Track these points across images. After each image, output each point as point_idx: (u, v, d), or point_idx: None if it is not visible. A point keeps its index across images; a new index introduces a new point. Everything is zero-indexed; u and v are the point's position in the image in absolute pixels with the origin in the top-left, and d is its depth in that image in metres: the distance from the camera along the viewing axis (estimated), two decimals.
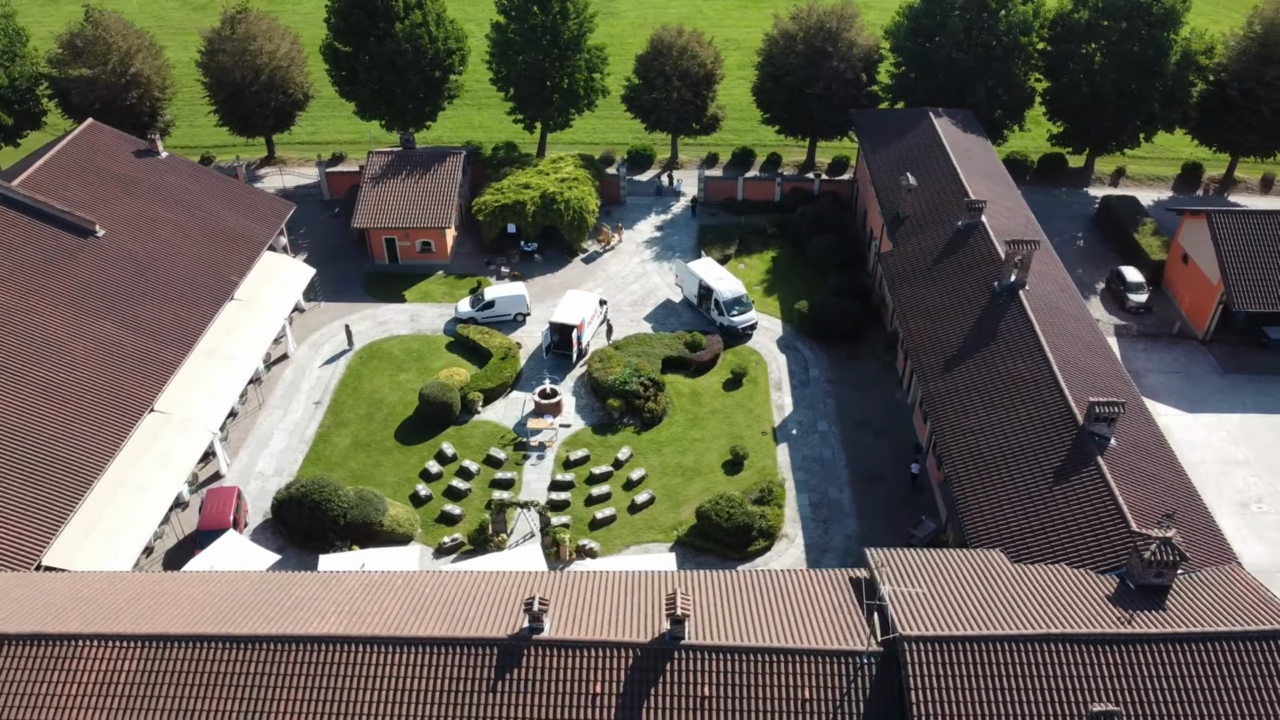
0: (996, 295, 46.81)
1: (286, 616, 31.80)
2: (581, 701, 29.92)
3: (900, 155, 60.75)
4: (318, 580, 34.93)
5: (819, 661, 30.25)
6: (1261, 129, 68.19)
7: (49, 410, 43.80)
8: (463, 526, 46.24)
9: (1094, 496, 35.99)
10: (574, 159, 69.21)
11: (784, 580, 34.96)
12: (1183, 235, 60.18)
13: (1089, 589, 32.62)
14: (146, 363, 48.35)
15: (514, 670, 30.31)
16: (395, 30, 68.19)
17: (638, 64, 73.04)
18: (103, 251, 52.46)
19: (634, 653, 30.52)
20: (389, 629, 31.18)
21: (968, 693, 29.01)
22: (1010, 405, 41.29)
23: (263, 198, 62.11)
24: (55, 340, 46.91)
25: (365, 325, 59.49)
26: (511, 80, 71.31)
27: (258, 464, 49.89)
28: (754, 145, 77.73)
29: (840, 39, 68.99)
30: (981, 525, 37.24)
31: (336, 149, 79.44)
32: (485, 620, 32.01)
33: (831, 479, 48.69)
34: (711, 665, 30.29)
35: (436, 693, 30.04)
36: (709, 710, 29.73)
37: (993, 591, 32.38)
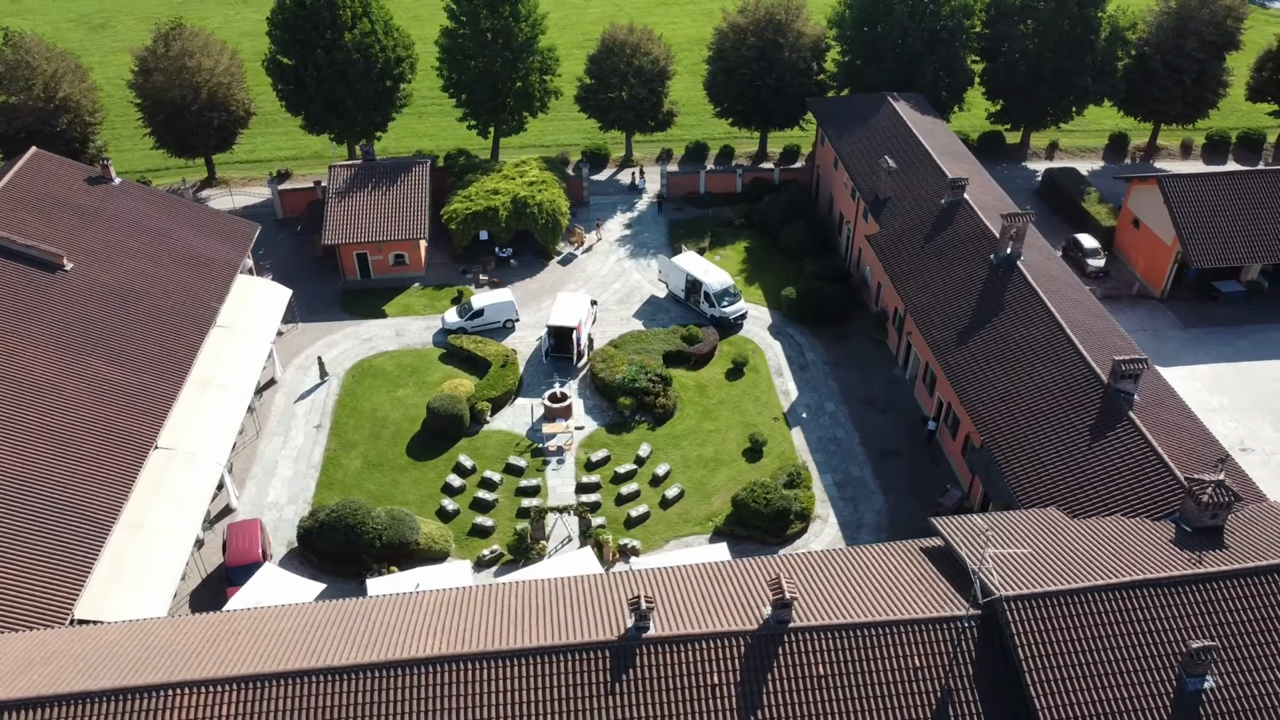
0: (995, 267, 48.72)
1: (381, 642, 30.93)
2: (701, 694, 30.07)
3: (869, 140, 62.45)
4: (395, 603, 34.00)
5: (923, 630, 31.10)
6: (1184, 98, 72.67)
7: (51, 457, 41.39)
8: (497, 538, 45.62)
9: (1133, 449, 37.96)
10: (538, 162, 68.77)
11: (860, 556, 35.79)
12: (1131, 201, 63.63)
13: (1151, 536, 34.44)
14: (142, 398, 46.07)
15: (629, 670, 30.23)
16: (345, 40, 66.48)
17: (590, 64, 73.02)
18: (74, 286, 49.70)
19: (744, 640, 30.81)
20: (492, 643, 30.66)
21: (1070, 644, 30.29)
22: (1032, 370, 43.11)
23: (227, 220, 59.72)
24: (43, 382, 44.29)
25: (350, 344, 57.92)
26: (464, 85, 70.36)
27: (269, 494, 48.13)
28: (705, 139, 78.53)
29: (789, 30, 70.42)
30: (1029, 486, 38.80)
31: (278, 166, 76.86)
32: (583, 625, 31.81)
33: (850, 458, 49.87)
34: (821, 645, 30.82)
35: (554, 701, 29.74)
36: (826, 688, 30.27)
37: (1064, 546, 33.83)
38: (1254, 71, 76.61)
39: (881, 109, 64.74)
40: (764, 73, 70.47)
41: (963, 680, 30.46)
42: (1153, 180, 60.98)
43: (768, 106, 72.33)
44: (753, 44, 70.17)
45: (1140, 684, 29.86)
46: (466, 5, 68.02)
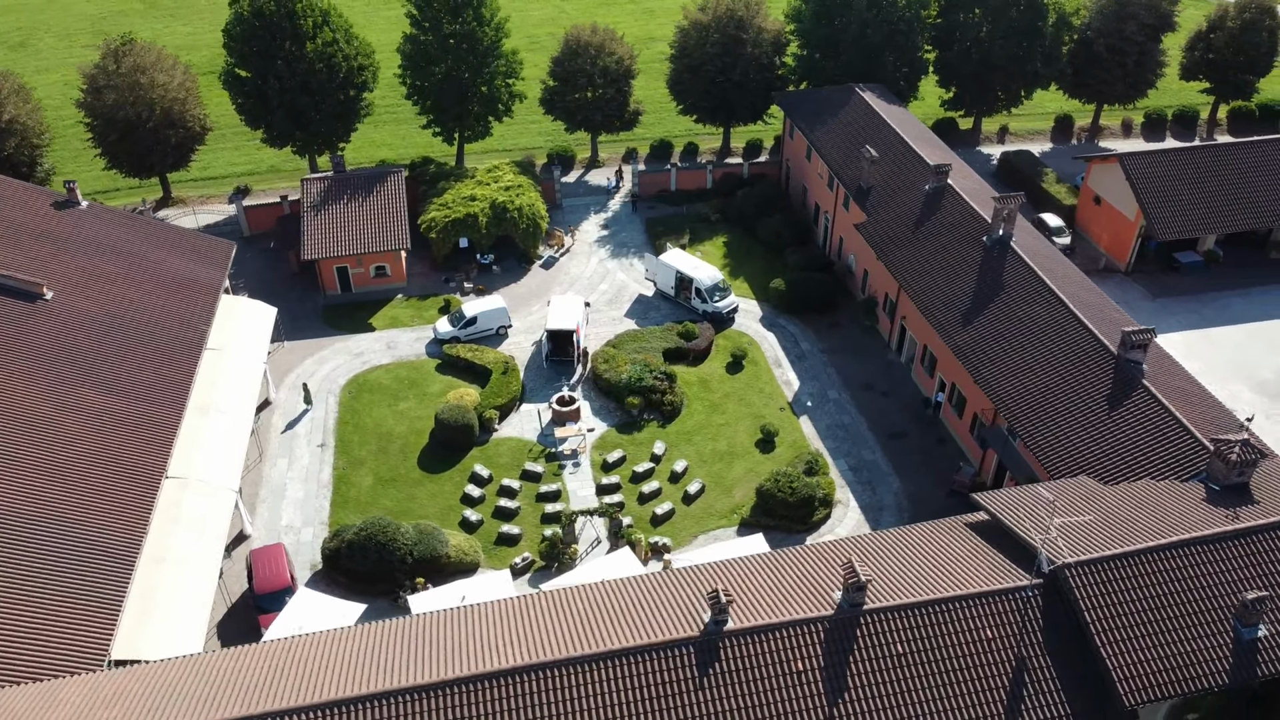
0: (989, 249, 50.23)
1: (475, 653, 30.59)
2: (786, 682, 30.49)
3: (843, 131, 63.67)
4: (462, 616, 33.54)
5: (991, 602, 32.06)
6: (1125, 79, 75.81)
7: (62, 494, 39.77)
8: (526, 545, 45.32)
9: (1151, 415, 39.64)
10: (510, 166, 68.30)
11: (909, 537, 36.65)
12: (1092, 180, 66.17)
13: (1183, 496, 36.05)
14: (144, 427, 44.47)
15: (715, 664, 30.49)
16: (307, 50, 65.00)
17: (554, 65, 72.75)
18: (56, 315, 47.67)
19: (823, 626, 31.34)
20: (583, 647, 30.57)
21: (1130, 604, 31.62)
22: (1041, 346, 44.62)
23: (202, 239, 57.83)
24: (40, 417, 42.45)
25: (341, 359, 56.76)
26: (428, 92, 69.42)
27: (282, 518, 46.94)
28: (667, 136, 78.93)
29: (750, 26, 71.25)
30: (1057, 457, 40.18)
31: (236, 182, 74.74)
32: (657, 624, 31.92)
33: (860, 442, 50.87)
34: (897, 624, 31.53)
35: (645, 701, 29.82)
36: (906, 666, 30.98)
37: (1107, 511, 35.17)
38: (1186, 52, 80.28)
39: (851, 100, 66.04)
40: (728, 69, 71.17)
41: (1034, 648, 31.50)
42: (1113, 159, 63.52)
43: (732, 102, 73.06)
44: (716, 40, 70.81)
45: (1200, 636, 31.34)
46: (429, 11, 67.12)
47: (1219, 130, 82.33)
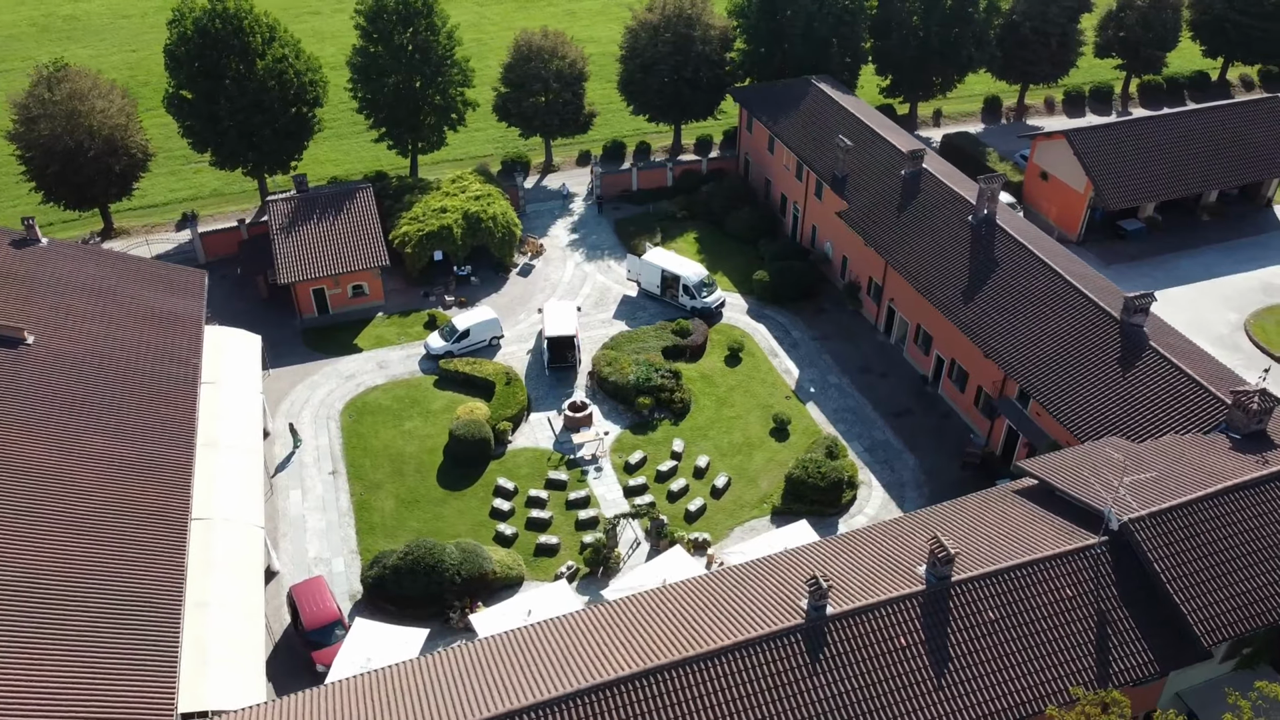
0: (976, 228, 52.28)
1: (589, 663, 30.49)
2: (893, 658, 31.40)
3: (808, 122, 65.11)
4: (553, 630, 33.32)
5: (1065, 562, 33.66)
6: (1050, 59, 79.71)
7: (93, 547, 37.78)
8: (566, 553, 45.11)
9: (1164, 374, 42.09)
10: (476, 175, 67.51)
11: (965, 509, 38.02)
12: (1037, 156, 69.39)
13: (1211, 446, 38.45)
14: (158, 469, 42.54)
15: (823, 649, 31.17)
16: (257, 67, 62.85)
17: (505, 71, 72.14)
18: (42, 360, 45.10)
19: (917, 601, 32.37)
20: (695, 647, 30.81)
21: (1193, 550, 33.67)
22: (1045, 317, 46.77)
23: (172, 270, 55.38)
24: (50, 467, 40.18)
25: (334, 383, 55.24)
26: (381, 104, 67.94)
27: (308, 550, 45.54)
28: (618, 137, 79.18)
29: (699, 23, 72.09)
30: (1081, 421, 42.23)
31: (181, 208, 71.68)
32: (755, 615, 32.41)
33: (869, 423, 52.31)
34: (984, 592, 32.82)
35: (763, 691, 30.29)
36: (999, 631, 32.27)
37: (1162, 465, 37.13)
38: (1099, 31, 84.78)
39: (809, 92, 67.58)
40: (681, 67, 71.85)
41: (1110, 601, 33.22)
42: (1059, 136, 66.76)
43: (685, 100, 73.77)
44: (668, 40, 71.39)
45: (1258, 575, 33.61)
46: (380, 23, 65.68)
47: (1132, 103, 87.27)
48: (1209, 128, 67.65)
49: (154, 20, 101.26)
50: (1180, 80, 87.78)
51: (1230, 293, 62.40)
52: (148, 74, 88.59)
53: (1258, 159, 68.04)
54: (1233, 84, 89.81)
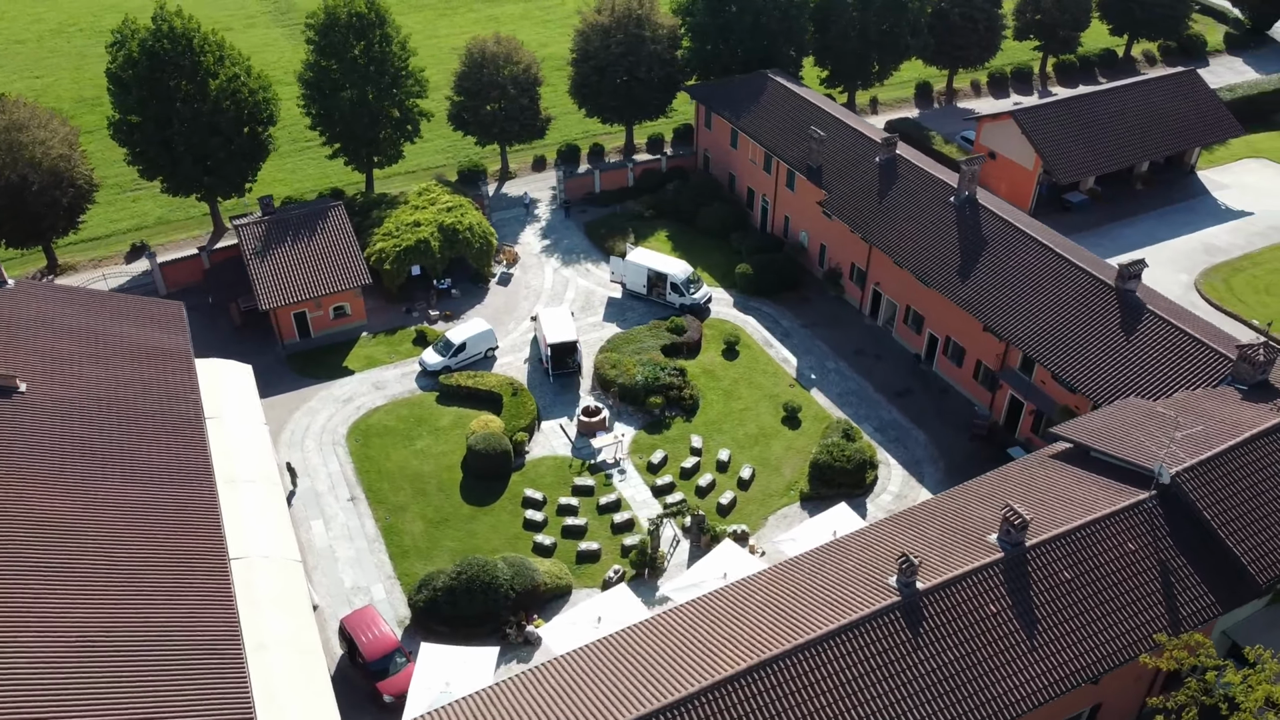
0: (960, 208, 54.31)
1: (707, 659, 30.75)
2: (986, 625, 32.63)
3: (773, 115, 66.33)
4: (654, 630, 33.44)
5: (1124, 518, 35.49)
6: (978, 43, 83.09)
7: (137, 600, 36.04)
8: (609, 558, 45.08)
9: (1165, 335, 44.69)
10: (442, 187, 66.51)
11: (1010, 477, 39.61)
12: (983, 137, 72.32)
13: (1225, 398, 41.05)
14: (184, 511, 40.79)
15: (921, 623, 32.16)
16: (210, 87, 60.51)
17: (459, 80, 71.20)
18: (39, 408, 42.67)
19: (999, 568, 33.69)
20: (803, 634, 31.39)
21: (1238, 494, 36.00)
22: (1042, 289, 48.96)
23: (149, 304, 52.84)
24: (78, 521, 38.20)
25: (332, 408, 53.78)
26: (336, 120, 66.18)
27: (344, 580, 44.36)
28: (570, 140, 79.06)
29: (649, 22, 72.56)
30: (1096, 384, 44.45)
31: (124, 240, 68.45)
32: (850, 597, 33.18)
33: (873, 404, 53.80)
34: (1057, 553, 34.36)
35: (878, 669, 31.11)
36: (1075, 589, 33.86)
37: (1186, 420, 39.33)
38: (1017, 15, 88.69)
39: (768, 85, 68.86)
40: (634, 67, 72.18)
41: (1168, 551, 35.21)
42: (1005, 117, 69.79)
43: (639, 99, 74.14)
44: (620, 40, 71.62)
45: None
46: (332, 35, 63.99)
47: (1050, 82, 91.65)
48: (1139, 102, 71.71)
49: (53, 45, 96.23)
50: (1091, 59, 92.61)
51: (1175, 255, 66.32)
52: (56, 100, 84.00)
53: (1183, 129, 72.46)
54: (1137, 59, 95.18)
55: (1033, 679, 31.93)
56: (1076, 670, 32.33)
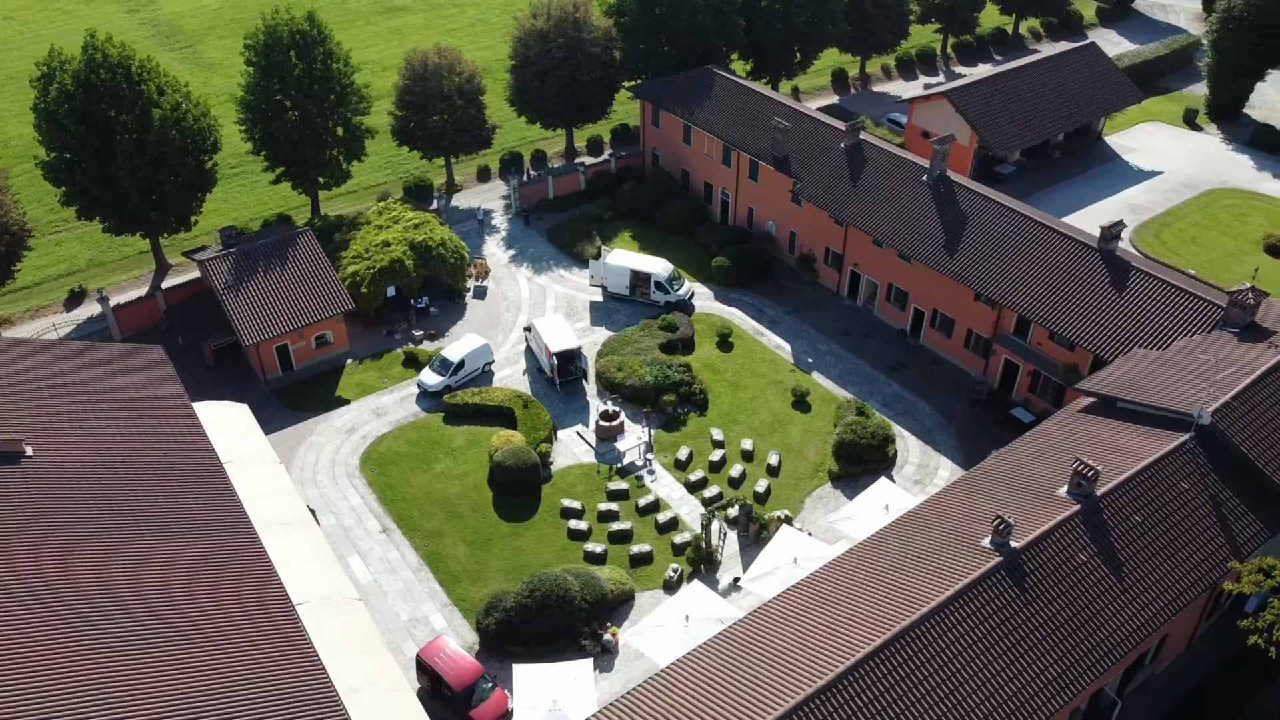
0: (933, 186, 56.67)
1: (834, 642, 31.39)
2: (1078, 575, 34.53)
3: (727, 109, 67.42)
4: (774, 615, 33.93)
5: (1172, 461, 38.08)
6: (891, 29, 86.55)
7: (217, 659, 34.21)
8: (663, 558, 45.21)
9: (1155, 290, 47.96)
10: (403, 204, 64.85)
11: (1048, 435, 41.83)
12: (916, 117, 75.48)
13: (1223, 342, 44.42)
14: (235, 560, 38.92)
15: (1024, 579, 33.76)
16: (154, 117, 57.27)
17: (401, 94, 69.48)
18: (51, 472, 39.79)
19: (1080, 519, 35.64)
20: (920, 605, 32.45)
21: (1265, 426, 39.06)
22: (1029, 256, 51.65)
23: (127, 350, 49.51)
24: (126, 582, 35.91)
25: (336, 441, 51.89)
26: (281, 142, 63.60)
27: (399, 613, 43.05)
28: (510, 147, 78.26)
29: (587, 24, 72.56)
30: (1100, 340, 47.29)
31: (59, 288, 63.99)
32: (948, 565, 34.51)
33: (875, 382, 55.61)
34: (1126, 500, 36.60)
35: (1000, 626, 32.47)
36: (1146, 530, 36.16)
37: (1196, 365, 42.45)
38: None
39: (715, 81, 69.97)
40: (576, 70, 72.05)
41: (1215, 486, 37.98)
42: (937, 97, 73.06)
43: (580, 103, 74.03)
44: (561, 44, 71.34)
45: None
46: (275, 54, 61.45)
47: (952, 63, 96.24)
48: (1053, 76, 76.30)
49: None
50: (985, 38, 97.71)
51: (1104, 216, 70.35)
52: None
53: (1093, 99, 77.49)
54: (1025, 36, 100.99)
55: (1131, 617, 33.98)
56: (1167, 604, 34.59)
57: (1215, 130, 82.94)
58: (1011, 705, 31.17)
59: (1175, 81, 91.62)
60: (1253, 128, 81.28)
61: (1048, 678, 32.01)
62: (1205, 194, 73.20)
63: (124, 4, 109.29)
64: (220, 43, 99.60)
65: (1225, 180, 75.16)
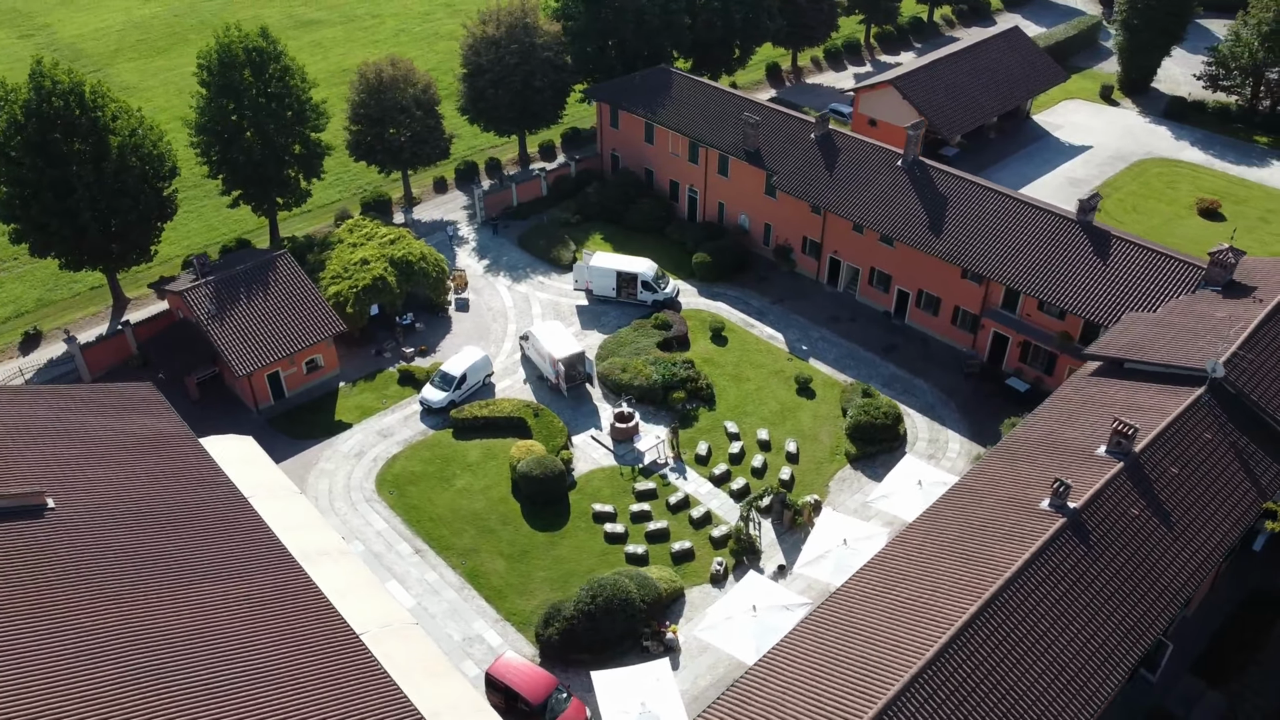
0: (909, 170, 58.50)
1: (938, 607, 32.30)
2: (1133, 528, 36.34)
3: (689, 106, 68.06)
4: (860, 592, 34.63)
5: (1193, 414, 40.37)
6: (823, 21, 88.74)
7: (294, 700, 33.05)
8: (705, 554, 45.51)
9: (1136, 256, 50.65)
10: (374, 221, 63.36)
11: (1068, 400, 43.78)
12: (863, 106, 77.60)
13: (1208, 299, 47.24)
14: (287, 596, 37.66)
15: (1086, 536, 35.37)
16: (113, 144, 54.63)
17: (356, 109, 67.80)
18: (78, 523, 37.76)
19: (1125, 475, 37.50)
20: (999, 571, 33.66)
21: (1267, 374, 41.75)
22: (1012, 232, 53.85)
23: (120, 390, 47.24)
24: (188, 631, 34.36)
25: (345, 465, 50.50)
26: (240, 164, 61.39)
27: (451, 634, 42.24)
28: (465, 156, 77.27)
29: (537, 29, 72.20)
30: (1093, 307, 49.65)
31: (13, 330, 60.33)
32: (1014, 532, 35.89)
33: (869, 363, 57.07)
34: (1159, 453, 38.65)
35: (1075, 582, 33.93)
36: (1181, 481, 38.27)
37: (1192, 323, 44.99)
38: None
39: (673, 79, 70.59)
40: (530, 75, 71.62)
41: (1235, 433, 40.43)
42: (883, 85, 75.31)
43: (535, 108, 73.62)
44: (514, 50, 70.79)
45: None
46: (231, 74, 59.26)
47: (875, 52, 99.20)
48: (986, 61, 79.57)
49: None
50: (904, 26, 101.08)
51: (1048, 191, 74.20)
52: None
53: (1023, 80, 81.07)
54: (939, 24, 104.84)
55: (1188, 561, 35.96)
56: (1215, 546, 36.72)
57: (1131, 104, 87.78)
58: (1100, 656, 32.64)
59: (1084, 60, 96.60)
60: (1166, 100, 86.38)
61: (1127, 625, 33.62)
62: (1135, 164, 77.44)
63: (15, 29, 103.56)
64: (131, 65, 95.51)
65: (1150, 151, 79.67)
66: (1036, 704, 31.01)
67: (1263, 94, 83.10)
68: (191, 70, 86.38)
